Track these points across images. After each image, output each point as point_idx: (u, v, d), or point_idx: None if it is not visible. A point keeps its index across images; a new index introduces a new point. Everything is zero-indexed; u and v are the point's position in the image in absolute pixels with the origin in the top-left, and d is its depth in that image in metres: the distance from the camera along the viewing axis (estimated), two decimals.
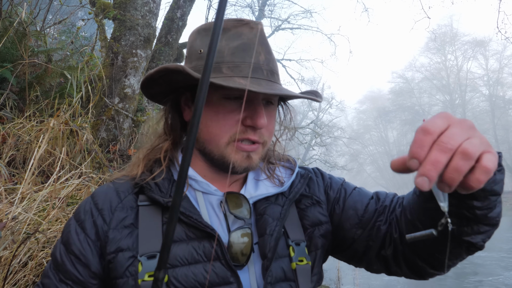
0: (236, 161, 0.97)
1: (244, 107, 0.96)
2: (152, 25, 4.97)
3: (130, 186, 1.01)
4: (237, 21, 1.01)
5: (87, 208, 0.98)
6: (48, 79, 4.10)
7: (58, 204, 2.38)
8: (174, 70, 0.90)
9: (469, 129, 0.60)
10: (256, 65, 0.97)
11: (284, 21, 24.21)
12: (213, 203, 1.00)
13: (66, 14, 7.42)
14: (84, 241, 0.93)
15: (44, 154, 3.06)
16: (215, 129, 0.97)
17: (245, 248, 0.94)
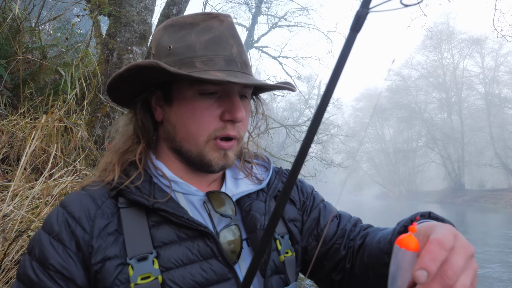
0: (214, 159, 0.96)
1: (220, 102, 0.95)
2: (147, 22, 4.94)
3: (106, 191, 0.95)
4: (206, 15, 0.99)
5: (61, 219, 0.90)
6: (43, 76, 4.08)
7: (51, 201, 2.37)
8: (147, 66, 0.86)
9: (469, 259, 0.61)
10: (230, 57, 0.95)
11: (281, 18, 24.19)
12: (195, 204, 0.98)
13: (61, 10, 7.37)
14: (64, 254, 0.85)
15: (38, 151, 3.04)
16: (192, 127, 0.95)
17: (234, 246, 0.93)
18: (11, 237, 2.01)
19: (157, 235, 0.90)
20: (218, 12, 1.02)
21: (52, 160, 2.93)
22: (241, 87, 0.96)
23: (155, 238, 0.89)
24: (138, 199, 0.91)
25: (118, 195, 0.95)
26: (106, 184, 0.97)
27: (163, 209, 0.89)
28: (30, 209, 2.31)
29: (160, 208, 0.90)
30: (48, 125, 3.18)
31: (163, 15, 5.91)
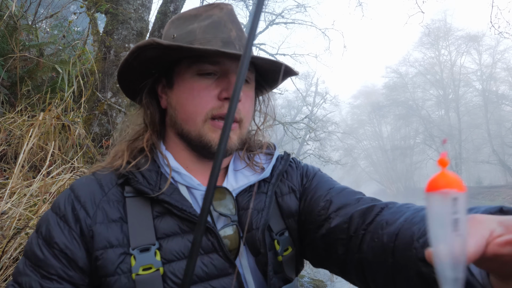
0: (213, 140, 0.96)
1: (218, 82, 0.96)
2: (145, 19, 4.93)
3: (114, 178, 0.98)
4: (208, 6, 1.03)
5: (69, 201, 0.93)
6: (40, 74, 4.07)
7: (49, 199, 2.37)
8: (146, 45, 0.89)
9: None
10: (228, 39, 0.97)
11: (278, 15, 24.19)
12: (197, 198, 0.98)
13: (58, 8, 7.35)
14: (70, 235, 0.89)
15: (35, 149, 3.04)
16: (190, 107, 0.96)
17: (231, 244, 0.92)
18: (9, 235, 2.01)
19: (160, 226, 0.91)
20: (219, 2, 1.06)
21: (49, 157, 2.93)
22: None
23: (158, 229, 0.90)
24: (143, 189, 0.92)
25: (125, 183, 0.97)
26: (114, 170, 0.99)
27: (166, 201, 0.91)
28: (28, 206, 2.31)
29: (164, 199, 0.91)
30: (45, 122, 3.17)
31: (160, 12, 5.89)
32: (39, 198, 2.38)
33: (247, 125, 1.04)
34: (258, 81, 1.11)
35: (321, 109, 34.84)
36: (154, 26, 5.94)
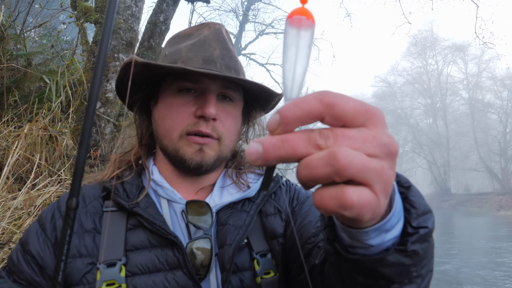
0: (187, 154, 0.96)
1: (196, 99, 0.97)
2: (134, 29, 4.92)
3: (98, 191, 1.00)
4: (200, 25, 1.06)
5: (50, 211, 0.96)
6: (27, 83, 4.03)
7: (34, 212, 2.33)
8: (127, 62, 0.92)
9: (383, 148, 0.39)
10: (210, 57, 0.99)
11: (268, 25, 24.31)
12: (176, 212, 0.98)
13: (47, 17, 7.31)
14: (44, 243, 0.90)
15: (21, 160, 2.99)
16: (168, 122, 0.98)
17: (204, 259, 0.89)
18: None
19: (131, 238, 0.91)
20: (210, 21, 1.08)
21: (36, 169, 2.89)
22: (221, 88, 0.98)
23: (129, 241, 0.91)
24: (120, 201, 0.93)
25: (106, 197, 0.98)
26: (100, 182, 1.01)
27: (139, 214, 0.91)
28: (12, 220, 2.27)
29: (137, 212, 0.91)
30: (32, 133, 3.13)
31: (150, 23, 5.89)
32: (23, 211, 2.34)
33: (229, 143, 1.03)
34: (249, 101, 1.12)
35: None
36: (144, 36, 5.93)
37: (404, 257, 0.53)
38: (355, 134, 0.38)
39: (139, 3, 5.00)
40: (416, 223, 0.54)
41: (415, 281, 0.57)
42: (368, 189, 0.38)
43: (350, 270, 0.57)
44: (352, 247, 0.54)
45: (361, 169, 0.37)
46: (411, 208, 0.55)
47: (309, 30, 0.42)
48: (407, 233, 0.54)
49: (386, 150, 0.40)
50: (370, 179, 0.38)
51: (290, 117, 0.38)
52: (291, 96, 0.42)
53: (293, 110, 0.38)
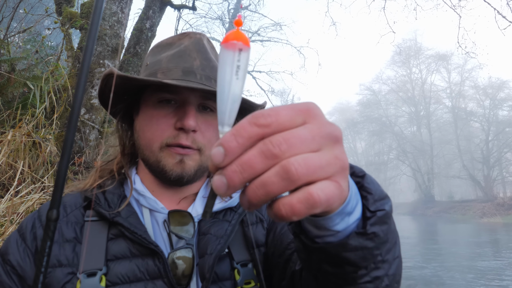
0: (168, 165, 0.95)
1: (176, 111, 0.97)
2: (120, 36, 4.91)
3: (79, 201, 0.99)
4: (181, 34, 1.06)
5: (31, 220, 0.95)
6: (11, 89, 3.98)
7: (17, 219, 2.29)
8: (107, 74, 0.91)
9: (328, 138, 0.41)
10: (189, 68, 0.99)
11: (255, 33, 24.44)
12: (158, 221, 0.98)
13: (32, 23, 7.24)
14: (24, 253, 0.90)
15: (4, 167, 2.94)
16: (149, 134, 0.97)
17: (186, 269, 0.90)
18: None
19: (112, 248, 0.90)
20: (191, 31, 1.07)
21: (19, 176, 2.85)
22: (201, 98, 0.98)
23: (110, 251, 0.90)
24: (102, 211, 0.92)
25: (88, 207, 0.97)
26: (82, 191, 1.00)
27: (120, 223, 0.91)
28: None
29: (118, 222, 0.91)
30: (15, 139, 3.09)
31: (136, 29, 5.89)
32: (6, 219, 2.30)
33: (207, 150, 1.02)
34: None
35: None
36: (130, 42, 5.92)
37: (365, 240, 0.55)
38: (302, 132, 0.40)
39: (125, 10, 4.99)
40: (374, 207, 0.56)
41: (382, 266, 0.59)
42: (329, 181, 0.40)
43: (318, 261, 0.59)
44: (320, 237, 0.56)
45: (316, 170, 0.39)
46: (367, 194, 0.58)
47: (244, 53, 0.44)
48: (366, 217, 0.56)
49: (333, 138, 0.42)
50: (328, 172, 0.40)
51: (234, 147, 0.39)
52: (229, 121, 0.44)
53: (235, 140, 0.39)
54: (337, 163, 0.41)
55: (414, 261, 13.44)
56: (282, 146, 0.38)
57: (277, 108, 0.41)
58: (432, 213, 39.67)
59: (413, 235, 23.01)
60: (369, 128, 52.38)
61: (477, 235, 21.52)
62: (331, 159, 0.40)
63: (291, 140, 0.39)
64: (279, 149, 0.38)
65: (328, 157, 0.40)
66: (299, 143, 0.39)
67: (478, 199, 39.51)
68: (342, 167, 0.41)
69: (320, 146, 0.40)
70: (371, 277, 0.59)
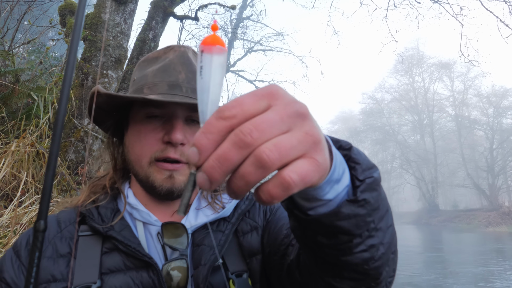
0: (157, 181, 0.96)
1: (164, 125, 0.97)
2: (123, 46, 4.94)
3: (73, 216, 1.00)
4: (166, 48, 1.06)
5: (26, 237, 0.96)
6: (15, 100, 4.01)
7: (20, 230, 2.29)
8: (92, 91, 0.91)
9: (295, 116, 0.42)
10: (175, 82, 0.99)
11: (257, 43, 24.57)
12: (152, 234, 0.98)
13: (36, 34, 7.31)
14: (18, 270, 0.90)
15: (8, 177, 2.95)
16: (137, 149, 0.98)
17: (180, 280, 0.90)
18: None
19: (107, 261, 0.91)
20: (176, 45, 1.08)
21: (22, 186, 2.85)
22: (188, 111, 0.98)
23: (104, 264, 0.91)
24: (95, 225, 0.93)
25: (82, 222, 0.98)
26: (74, 208, 1.01)
27: (114, 237, 0.91)
28: None
29: (112, 235, 0.91)
30: (19, 150, 3.10)
31: (139, 40, 5.93)
32: (9, 229, 2.30)
33: None
34: None
35: None
36: (133, 53, 5.96)
37: (357, 208, 0.56)
38: (270, 115, 0.41)
39: (128, 21, 5.04)
40: (363, 176, 0.58)
41: (376, 235, 0.60)
42: (302, 159, 0.41)
43: (314, 234, 0.60)
44: (313, 209, 0.57)
45: (288, 151, 0.40)
46: (355, 165, 0.59)
47: (221, 55, 0.46)
48: (356, 186, 0.57)
49: (300, 115, 0.42)
50: (301, 151, 0.41)
51: (206, 144, 0.40)
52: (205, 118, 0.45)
53: (206, 137, 0.40)
54: (308, 139, 0.41)
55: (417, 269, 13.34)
56: (253, 134, 0.39)
57: (240, 97, 0.42)
58: (437, 222, 39.37)
59: (417, 244, 22.84)
60: (372, 137, 52.31)
61: (483, 244, 21.33)
62: (302, 137, 0.41)
63: (260, 126, 0.40)
64: (250, 137, 0.39)
65: (299, 135, 0.41)
66: (269, 127, 0.40)
67: (483, 208, 39.23)
68: (314, 141, 0.42)
69: (290, 126, 0.41)
70: (366, 245, 0.60)
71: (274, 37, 24.32)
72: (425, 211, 44.82)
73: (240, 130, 0.39)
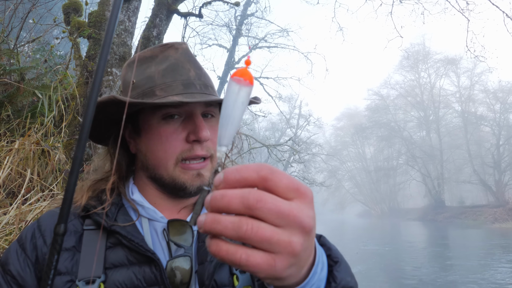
0: (187, 181, 0.96)
1: (185, 124, 0.97)
2: (127, 44, 4.95)
3: (78, 210, 0.99)
4: (162, 46, 1.05)
5: (30, 230, 0.96)
6: (20, 98, 4.03)
7: (25, 227, 2.31)
8: (107, 101, 0.90)
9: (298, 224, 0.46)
10: (188, 80, 0.99)
11: (261, 39, 24.51)
12: (157, 230, 0.99)
13: (40, 32, 7.33)
14: (24, 262, 0.91)
15: (13, 175, 2.97)
16: (161, 153, 0.97)
17: (184, 276, 0.91)
18: None
19: (111, 256, 0.92)
20: (173, 42, 1.07)
21: (28, 184, 2.87)
22: (204, 106, 0.99)
23: (108, 259, 0.91)
24: (99, 220, 0.94)
25: (86, 216, 0.98)
26: (74, 207, 1.00)
27: (117, 232, 0.92)
28: (3, 235, 2.25)
29: (115, 230, 0.92)
30: (24, 148, 3.12)
31: (144, 37, 5.93)
32: (14, 227, 2.32)
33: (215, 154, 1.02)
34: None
35: (305, 131, 35.10)
36: (137, 51, 5.96)
37: None
38: (283, 204, 0.45)
39: (132, 18, 5.04)
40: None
41: None
42: (264, 253, 0.45)
43: None
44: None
45: (262, 241, 0.44)
46: (332, 282, 0.64)
47: (247, 88, 0.51)
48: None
49: (302, 226, 0.46)
50: (271, 249, 0.45)
51: (231, 180, 0.46)
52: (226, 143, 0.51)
53: (234, 175, 0.46)
54: (288, 248, 0.45)
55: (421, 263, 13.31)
56: (259, 203, 0.44)
57: (283, 173, 0.47)
58: (443, 219, 39.19)
59: (422, 239, 22.78)
60: (378, 133, 52.05)
61: (489, 240, 21.23)
62: (283, 242, 0.45)
63: (267, 205, 0.44)
64: (255, 203, 0.44)
65: (283, 238, 0.45)
66: (271, 211, 0.44)
67: (489, 204, 38.98)
68: (291, 253, 0.45)
69: (285, 225, 0.45)
70: None
71: (278, 33, 24.29)
72: (431, 207, 44.63)
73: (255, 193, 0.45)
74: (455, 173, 46.98)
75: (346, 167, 57.49)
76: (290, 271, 0.48)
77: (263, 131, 43.19)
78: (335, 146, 58.76)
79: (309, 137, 34.35)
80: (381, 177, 52.63)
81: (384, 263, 14.92)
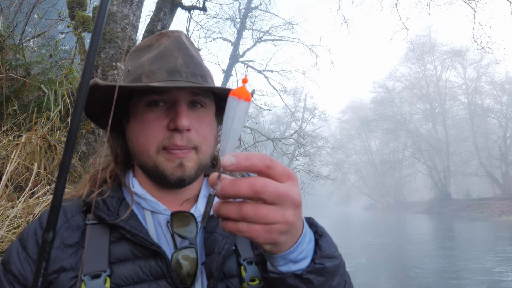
0: (167, 169, 0.95)
1: (167, 111, 0.96)
2: (132, 38, 4.96)
3: (78, 206, 0.99)
4: (158, 35, 1.04)
5: (32, 228, 0.95)
6: (26, 93, 4.05)
7: (32, 220, 2.33)
8: (91, 86, 0.88)
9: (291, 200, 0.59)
10: (174, 68, 0.97)
11: (266, 32, 24.41)
12: (161, 223, 0.98)
13: (45, 27, 7.35)
14: (25, 261, 0.90)
15: (21, 169, 3.00)
16: (143, 139, 0.96)
17: (191, 268, 0.91)
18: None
19: (115, 251, 0.91)
20: (168, 30, 1.06)
21: (35, 177, 2.90)
22: (191, 95, 0.97)
23: (113, 254, 0.91)
24: (101, 215, 0.93)
25: (87, 211, 0.97)
26: (77, 199, 1.00)
27: (121, 226, 0.91)
28: (12, 228, 2.28)
29: (119, 224, 0.91)
30: (31, 142, 3.14)
31: (148, 31, 5.93)
32: (22, 220, 2.34)
33: (207, 149, 1.01)
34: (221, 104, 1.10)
35: (310, 124, 34.95)
36: None
37: (300, 283, 0.70)
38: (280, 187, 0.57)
39: (136, 12, 5.04)
40: (318, 261, 0.71)
41: None
42: (263, 226, 0.58)
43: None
44: (272, 272, 0.73)
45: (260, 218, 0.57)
46: (318, 250, 0.73)
47: (245, 104, 0.58)
48: (308, 266, 0.71)
49: (295, 202, 0.59)
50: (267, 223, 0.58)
51: (241, 165, 0.55)
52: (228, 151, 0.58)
53: (244, 161, 0.56)
54: (281, 219, 0.58)
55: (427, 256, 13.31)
56: (264, 188, 0.56)
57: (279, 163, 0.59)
58: (449, 212, 39.09)
59: (428, 231, 22.75)
60: (383, 126, 51.84)
61: (496, 233, 21.15)
62: (278, 217, 0.58)
63: (270, 188, 0.56)
64: (261, 188, 0.56)
65: (278, 213, 0.58)
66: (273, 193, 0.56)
67: (496, 197, 38.81)
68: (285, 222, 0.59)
69: (281, 203, 0.58)
70: None
71: (283, 26, 24.16)
72: (437, 200, 44.52)
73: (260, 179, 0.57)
74: (461, 166, 46.75)
75: (352, 160, 57.42)
76: (285, 238, 0.62)
77: (268, 124, 43.17)
78: (341, 139, 58.63)
79: (314, 130, 34.23)
80: (387, 170, 52.49)
81: (388, 255, 14.93)
